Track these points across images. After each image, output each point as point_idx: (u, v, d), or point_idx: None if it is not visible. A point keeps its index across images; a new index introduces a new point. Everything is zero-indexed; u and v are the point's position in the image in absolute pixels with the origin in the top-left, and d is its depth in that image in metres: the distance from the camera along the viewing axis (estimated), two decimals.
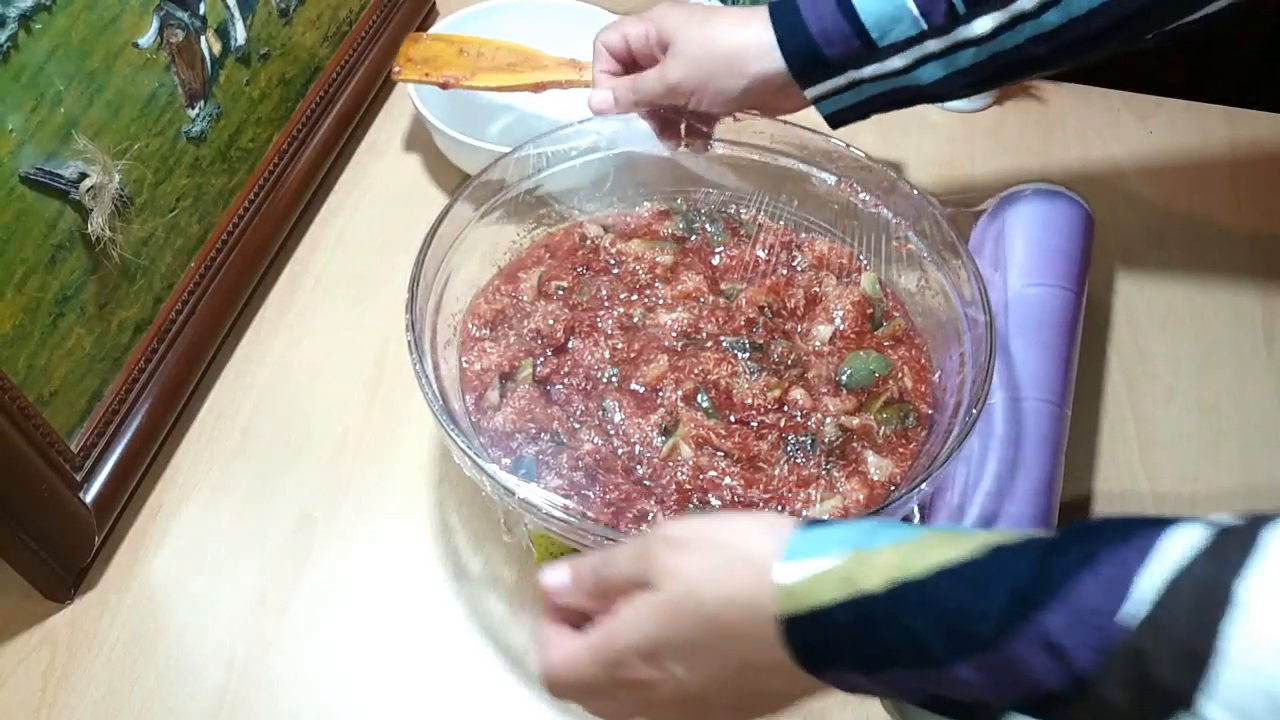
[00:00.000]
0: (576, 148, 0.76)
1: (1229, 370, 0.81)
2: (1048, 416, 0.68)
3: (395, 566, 0.70)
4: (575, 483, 0.64)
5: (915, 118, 1.00)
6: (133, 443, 0.71)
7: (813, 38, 0.66)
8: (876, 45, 0.65)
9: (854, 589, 0.39)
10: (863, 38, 0.65)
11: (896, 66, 0.66)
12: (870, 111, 0.69)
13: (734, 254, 0.77)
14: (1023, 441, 0.67)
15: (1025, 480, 0.66)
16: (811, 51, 0.66)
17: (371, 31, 0.97)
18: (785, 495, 0.64)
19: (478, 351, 0.71)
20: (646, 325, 0.72)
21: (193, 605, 0.68)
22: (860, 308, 0.73)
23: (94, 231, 0.64)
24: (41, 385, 0.64)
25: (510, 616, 0.68)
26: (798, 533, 0.42)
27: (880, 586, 0.39)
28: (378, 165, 0.95)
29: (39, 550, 0.64)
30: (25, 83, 0.59)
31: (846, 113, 0.70)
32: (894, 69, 0.66)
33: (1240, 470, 0.76)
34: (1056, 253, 0.76)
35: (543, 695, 0.52)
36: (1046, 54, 0.64)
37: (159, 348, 0.74)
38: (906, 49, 0.65)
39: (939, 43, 0.64)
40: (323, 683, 0.65)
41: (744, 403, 0.68)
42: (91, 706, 0.64)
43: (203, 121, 0.75)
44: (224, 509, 0.73)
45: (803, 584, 0.40)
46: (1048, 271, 0.75)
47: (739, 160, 0.79)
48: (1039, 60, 0.64)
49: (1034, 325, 0.72)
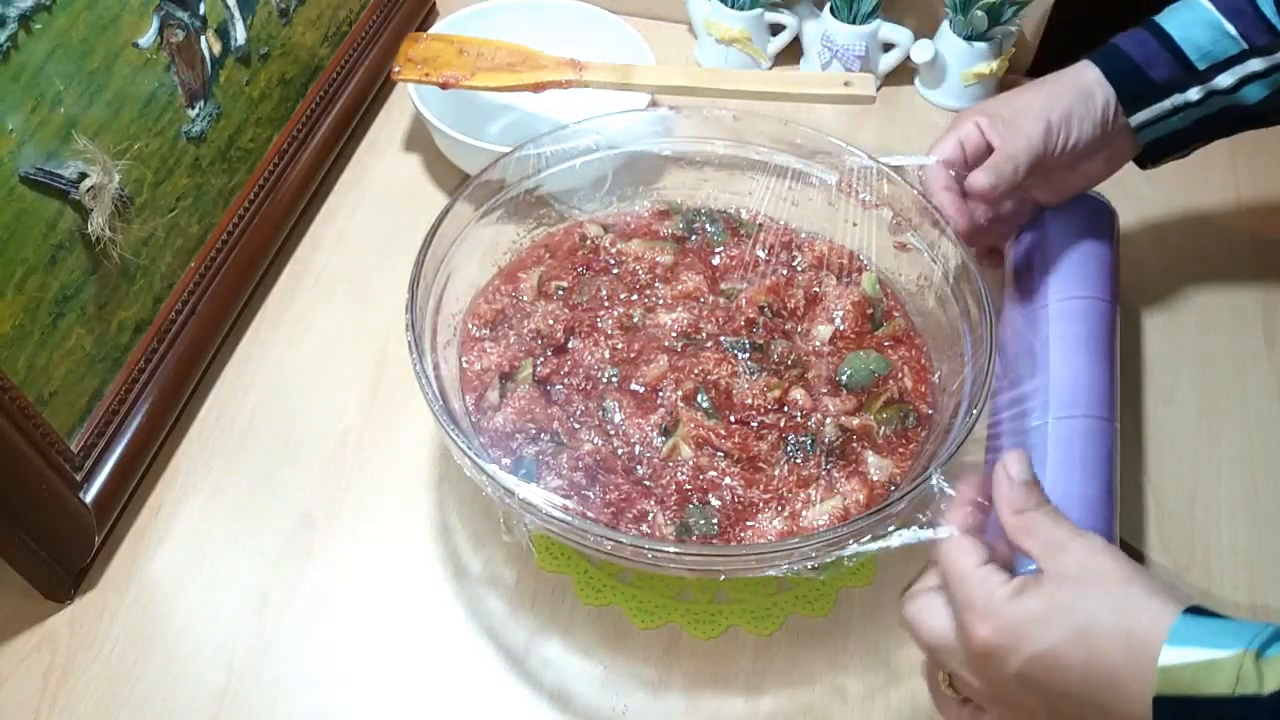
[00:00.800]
0: (576, 148, 0.76)
1: (1229, 370, 0.81)
2: (1100, 433, 0.68)
3: (395, 566, 0.70)
4: (575, 483, 0.64)
5: (915, 117, 1.01)
6: (133, 443, 0.71)
7: (1137, 64, 0.69)
8: (1198, 68, 0.68)
9: (1246, 689, 0.40)
10: (1184, 62, 0.69)
11: (1224, 85, 0.69)
12: (1192, 142, 0.72)
13: (734, 254, 0.77)
14: (1077, 461, 0.66)
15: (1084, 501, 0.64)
16: (1137, 75, 0.70)
17: (371, 31, 0.97)
18: (785, 495, 0.64)
19: (478, 351, 0.71)
20: (646, 325, 0.72)
21: (193, 605, 0.68)
22: (860, 308, 0.73)
23: (94, 231, 0.64)
24: (41, 385, 0.64)
25: (510, 616, 0.68)
26: (1182, 618, 0.43)
27: (1270, 692, 0.40)
28: (378, 165, 0.95)
29: (39, 550, 0.64)
30: (25, 83, 0.59)
31: (1168, 141, 0.72)
32: (1221, 88, 0.69)
33: (1240, 470, 0.76)
34: (1094, 261, 0.75)
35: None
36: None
37: (159, 348, 0.74)
38: (1229, 68, 0.68)
39: (1262, 62, 0.68)
40: (322, 683, 0.65)
41: (744, 403, 0.68)
42: (91, 706, 0.64)
43: (203, 121, 0.75)
44: (224, 509, 0.73)
45: (1189, 669, 0.42)
46: (1088, 283, 0.74)
47: (739, 160, 0.79)
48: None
49: (1080, 339, 0.72)
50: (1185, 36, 0.69)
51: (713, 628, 0.67)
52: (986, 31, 0.96)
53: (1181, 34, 0.69)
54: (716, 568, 0.60)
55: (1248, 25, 0.68)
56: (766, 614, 0.68)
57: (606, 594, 0.68)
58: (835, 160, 0.76)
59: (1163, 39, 0.69)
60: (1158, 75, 0.69)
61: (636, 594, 0.68)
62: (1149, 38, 0.70)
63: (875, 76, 1.00)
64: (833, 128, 0.97)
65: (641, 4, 1.07)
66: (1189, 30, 0.69)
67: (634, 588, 0.69)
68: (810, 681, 0.66)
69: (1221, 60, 0.68)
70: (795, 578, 0.69)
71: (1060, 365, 0.70)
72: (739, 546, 0.62)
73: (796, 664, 0.66)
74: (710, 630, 0.67)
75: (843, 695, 0.65)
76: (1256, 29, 0.67)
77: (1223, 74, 0.69)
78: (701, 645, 0.67)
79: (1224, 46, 0.68)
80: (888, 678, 0.66)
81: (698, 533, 0.62)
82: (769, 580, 0.69)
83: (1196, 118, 0.71)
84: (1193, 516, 0.73)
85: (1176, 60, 0.69)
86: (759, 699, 0.65)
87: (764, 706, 0.65)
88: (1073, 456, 0.66)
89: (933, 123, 1.00)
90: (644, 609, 0.68)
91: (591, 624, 0.68)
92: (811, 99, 0.87)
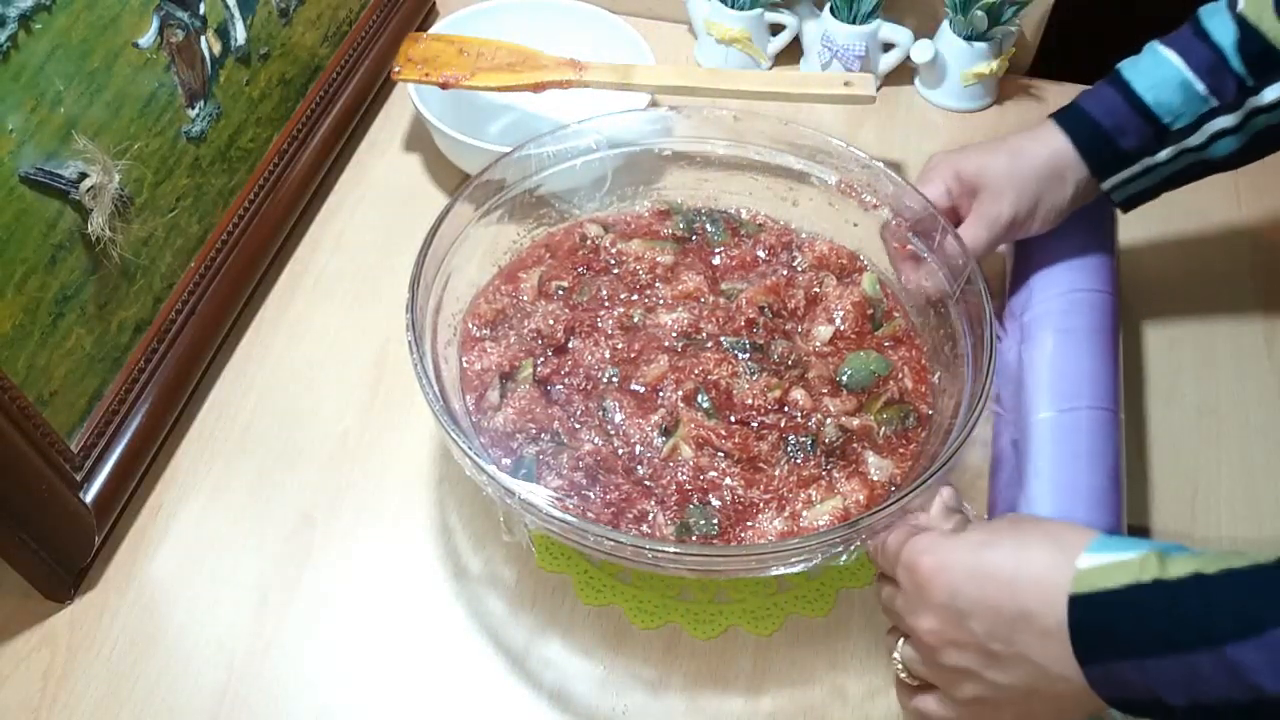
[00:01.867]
0: (576, 148, 0.76)
1: (1229, 370, 0.81)
2: (1104, 424, 0.68)
3: (395, 566, 0.70)
4: (575, 483, 0.64)
5: (915, 117, 1.01)
6: (133, 443, 0.71)
7: (1107, 134, 0.70)
8: (1169, 129, 0.69)
9: (1148, 576, 0.45)
10: (1154, 125, 0.69)
11: (1193, 144, 0.69)
12: (1161, 192, 0.73)
13: (734, 254, 0.77)
14: (1083, 454, 0.66)
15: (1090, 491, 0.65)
16: (1109, 146, 0.70)
17: (371, 31, 0.97)
18: (785, 495, 0.64)
19: (478, 351, 0.71)
20: (647, 325, 0.72)
21: (193, 605, 0.68)
22: (860, 308, 0.73)
23: (94, 231, 0.64)
24: (41, 385, 0.64)
25: (510, 616, 0.68)
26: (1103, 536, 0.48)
27: (1173, 577, 0.44)
28: (378, 165, 0.95)
29: (39, 550, 0.64)
30: (25, 83, 0.59)
31: (1139, 196, 0.73)
32: (1190, 146, 0.69)
33: (1240, 470, 0.76)
34: (1092, 254, 0.75)
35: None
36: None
37: (159, 348, 0.74)
38: (1200, 126, 0.68)
39: (1232, 118, 0.68)
40: (323, 683, 0.65)
41: (744, 403, 0.68)
42: (91, 706, 0.64)
43: (203, 121, 0.75)
44: (224, 509, 0.73)
45: (1100, 569, 0.46)
46: (1087, 276, 0.75)
47: (739, 160, 0.79)
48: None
49: (1082, 332, 0.72)
50: (1157, 100, 0.69)
51: (713, 628, 0.67)
52: (986, 31, 0.96)
53: (1153, 96, 0.69)
54: (716, 568, 0.61)
55: (1218, 81, 0.67)
56: (766, 614, 0.68)
57: (606, 594, 0.68)
58: (835, 160, 0.76)
59: (1133, 101, 0.69)
60: (1127, 144, 0.70)
61: (636, 594, 0.68)
62: (1119, 100, 0.70)
63: (875, 76, 1.00)
64: (833, 128, 0.97)
65: (641, 4, 1.07)
66: (1160, 92, 0.69)
67: (634, 588, 0.69)
68: (810, 681, 0.66)
69: (1193, 120, 0.69)
70: (795, 577, 0.69)
71: (1062, 358, 0.71)
72: (739, 546, 0.62)
73: (796, 664, 0.66)
74: (710, 630, 0.67)
75: (843, 695, 0.65)
76: (1225, 85, 0.67)
77: (1193, 134, 0.69)
78: (701, 645, 0.67)
79: (1194, 106, 0.68)
80: (888, 678, 0.65)
81: (698, 533, 0.62)
82: (769, 580, 0.69)
83: (1166, 175, 0.72)
84: (1193, 516, 0.73)
85: (1147, 124, 0.69)
86: (759, 699, 0.65)
87: (764, 706, 0.65)
88: (1078, 450, 0.66)
89: (932, 123, 1.00)
90: (644, 609, 0.68)
91: (591, 624, 0.68)
92: (811, 99, 0.87)
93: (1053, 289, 0.75)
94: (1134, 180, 0.72)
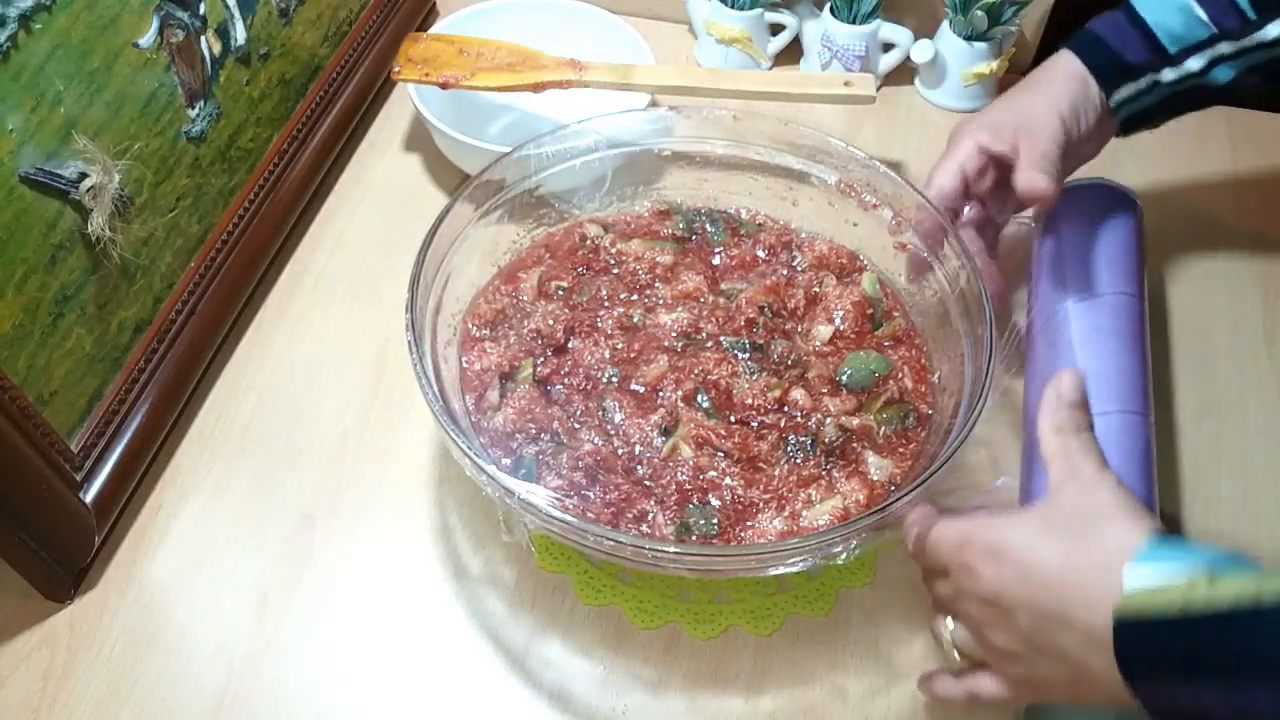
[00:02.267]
0: (576, 148, 0.76)
1: (1229, 370, 0.81)
2: (1136, 428, 0.67)
3: (395, 566, 0.70)
4: (575, 483, 0.64)
5: (915, 117, 1.01)
6: (133, 443, 0.71)
7: (1112, 48, 0.72)
8: (1169, 52, 0.71)
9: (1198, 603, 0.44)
10: (1155, 46, 0.71)
11: (1194, 69, 0.71)
12: (1166, 115, 0.74)
13: (734, 254, 0.77)
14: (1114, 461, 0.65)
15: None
16: (1113, 58, 0.72)
17: (371, 31, 0.97)
18: (785, 495, 0.64)
19: (478, 351, 0.71)
20: (646, 325, 0.72)
21: (193, 605, 0.68)
22: (860, 308, 0.73)
23: (94, 231, 0.64)
24: (41, 385, 0.64)
25: (510, 616, 0.68)
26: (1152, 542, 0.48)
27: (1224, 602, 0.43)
28: (378, 165, 0.95)
29: (39, 550, 0.64)
30: (25, 83, 0.59)
31: (1143, 115, 0.74)
32: (1191, 70, 0.71)
33: (1240, 471, 0.76)
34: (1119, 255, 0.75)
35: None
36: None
37: (159, 348, 0.74)
38: (1199, 51, 0.70)
39: (1231, 46, 0.70)
40: (322, 683, 0.65)
41: (744, 403, 0.68)
42: (91, 706, 0.64)
43: (203, 121, 0.75)
44: (224, 509, 0.73)
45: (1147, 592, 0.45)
46: (1114, 278, 0.74)
47: (739, 160, 0.79)
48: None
49: (1108, 334, 0.71)
50: (1158, 21, 0.71)
51: (713, 628, 0.67)
52: (986, 31, 0.96)
53: (1155, 18, 0.71)
54: (716, 568, 0.61)
55: (1217, 10, 0.70)
56: (766, 614, 0.68)
57: (606, 594, 0.68)
58: (835, 159, 0.76)
59: (1136, 22, 0.72)
60: (1132, 57, 0.72)
61: (636, 594, 0.68)
62: (1123, 21, 0.72)
63: (875, 76, 1.00)
64: (833, 128, 0.97)
65: (641, 4, 1.07)
66: (1162, 15, 0.71)
67: (634, 588, 0.69)
68: (810, 681, 0.66)
69: (1192, 45, 0.71)
70: (795, 577, 0.69)
71: (1090, 362, 0.70)
72: (739, 546, 0.62)
73: (796, 664, 0.66)
74: (710, 630, 0.67)
75: (843, 695, 0.65)
76: (1226, 14, 0.69)
77: (1193, 57, 0.71)
78: (701, 645, 0.67)
79: (1195, 31, 0.70)
80: (888, 678, 0.66)
81: (698, 533, 0.62)
82: (769, 580, 0.69)
83: (1167, 94, 0.73)
84: (1192, 516, 0.73)
85: (1149, 43, 0.71)
86: (759, 699, 0.65)
87: (764, 706, 0.65)
88: (1109, 455, 0.65)
89: (933, 123, 1.00)
90: (644, 609, 0.68)
91: (591, 624, 0.68)
92: (811, 99, 0.87)
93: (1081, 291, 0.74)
94: (1139, 98, 0.73)
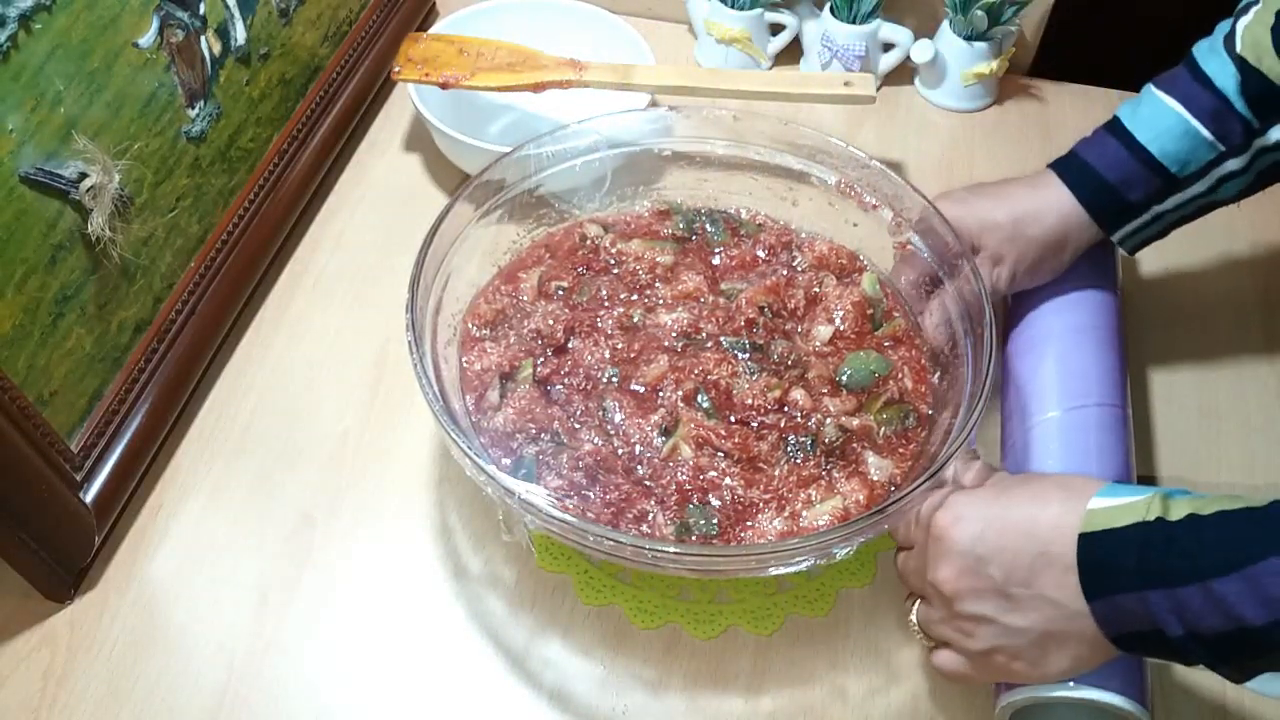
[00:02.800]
0: (576, 148, 0.76)
1: (1229, 370, 0.81)
2: (1113, 421, 0.68)
3: (395, 566, 0.70)
4: (575, 483, 0.64)
5: (915, 118, 1.01)
6: (133, 443, 0.71)
7: (1114, 187, 0.69)
8: (1177, 178, 0.68)
9: (1152, 516, 0.48)
10: (1162, 175, 0.68)
11: (1198, 191, 0.69)
12: (1168, 232, 0.73)
13: (734, 254, 0.77)
14: (1093, 451, 0.66)
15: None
16: (1115, 201, 0.69)
17: (371, 31, 0.97)
18: (785, 495, 0.64)
19: (478, 351, 0.71)
20: (646, 325, 0.72)
21: (193, 605, 0.68)
22: (860, 308, 0.73)
23: (94, 231, 0.64)
24: (41, 385, 0.64)
25: (510, 616, 0.68)
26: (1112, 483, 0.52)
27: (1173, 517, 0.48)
28: (378, 165, 0.95)
29: (39, 550, 0.64)
30: (25, 83, 0.59)
31: (1146, 240, 0.73)
32: (1196, 194, 0.69)
33: (1240, 470, 0.76)
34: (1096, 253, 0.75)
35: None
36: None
37: (159, 348, 0.74)
38: (1207, 173, 0.68)
39: (1239, 161, 0.67)
40: (322, 683, 0.65)
41: (744, 403, 0.68)
42: (91, 706, 0.64)
43: (203, 121, 0.75)
44: (224, 509, 0.73)
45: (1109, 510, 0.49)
46: (1088, 274, 0.75)
47: (739, 160, 0.79)
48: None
49: (1085, 329, 0.72)
50: (1163, 150, 0.68)
51: (713, 628, 0.67)
52: (986, 31, 0.96)
53: (1158, 147, 0.68)
54: (716, 568, 0.60)
55: (1223, 126, 0.66)
56: (766, 614, 0.68)
57: (606, 594, 0.68)
58: (835, 160, 0.76)
59: (1137, 153, 0.68)
60: (1135, 196, 0.69)
61: (636, 594, 0.68)
62: (1123, 153, 0.69)
63: (875, 76, 1.00)
64: (833, 128, 0.97)
65: (641, 4, 1.07)
66: (1165, 142, 0.67)
67: (634, 588, 0.69)
68: (810, 681, 0.66)
69: (1198, 169, 0.68)
70: (795, 577, 0.69)
71: (1068, 356, 0.70)
72: (739, 547, 0.62)
73: (796, 664, 0.66)
74: (710, 630, 0.67)
75: (843, 695, 0.65)
76: (1231, 129, 0.66)
77: (1201, 180, 0.68)
78: (701, 645, 0.67)
79: (1202, 153, 0.67)
80: (888, 678, 0.66)
81: (698, 533, 0.62)
82: (769, 580, 0.69)
83: (1173, 220, 0.71)
84: None
85: (1154, 175, 0.68)
86: (759, 699, 0.65)
87: (764, 706, 0.65)
88: (1088, 447, 0.66)
89: (932, 123, 1.00)
90: (644, 609, 0.68)
91: (591, 624, 0.68)
92: (811, 99, 0.87)
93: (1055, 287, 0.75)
94: (1143, 229, 0.72)
